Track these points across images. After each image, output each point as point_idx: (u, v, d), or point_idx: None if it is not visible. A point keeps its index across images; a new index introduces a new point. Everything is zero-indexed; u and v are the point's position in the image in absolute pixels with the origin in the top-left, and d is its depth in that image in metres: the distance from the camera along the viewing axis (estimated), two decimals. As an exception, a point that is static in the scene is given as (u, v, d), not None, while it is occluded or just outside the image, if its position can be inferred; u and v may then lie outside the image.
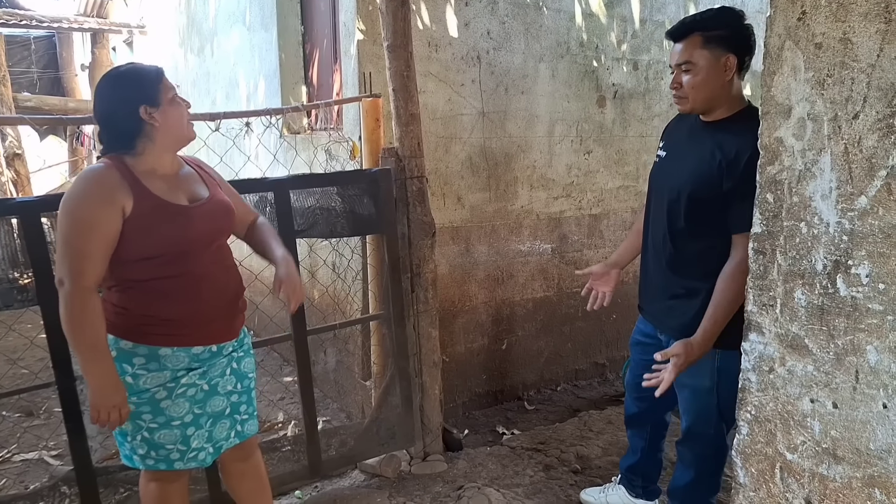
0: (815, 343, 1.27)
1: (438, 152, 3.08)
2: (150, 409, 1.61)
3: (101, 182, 1.51)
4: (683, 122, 1.98)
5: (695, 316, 1.82)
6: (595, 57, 3.55)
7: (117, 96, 1.56)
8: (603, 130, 3.65)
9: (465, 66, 3.10)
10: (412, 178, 2.45)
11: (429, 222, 2.51)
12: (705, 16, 1.74)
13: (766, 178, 1.33)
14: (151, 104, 1.56)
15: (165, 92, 1.58)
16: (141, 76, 1.58)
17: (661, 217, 1.91)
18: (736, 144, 1.70)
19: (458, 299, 3.25)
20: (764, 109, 1.33)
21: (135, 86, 1.56)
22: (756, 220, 1.36)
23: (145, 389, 1.60)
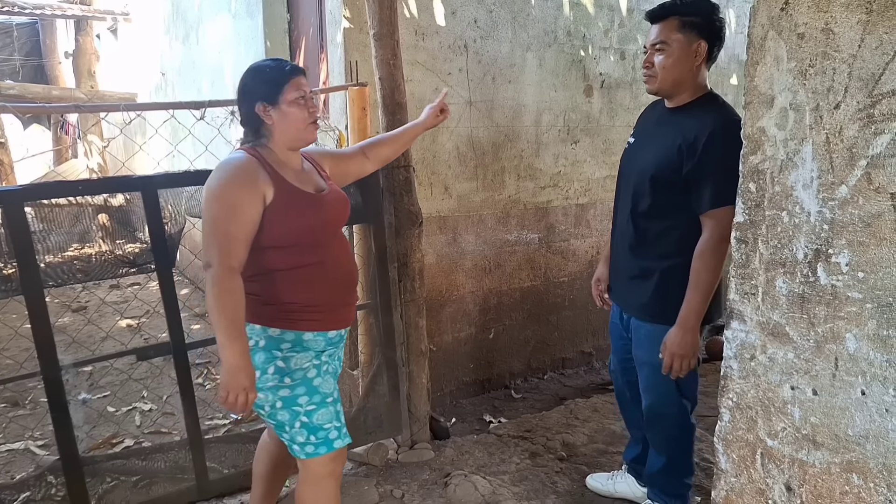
0: (796, 331, 1.28)
1: (425, 141, 3.07)
2: (306, 390, 1.65)
3: (244, 168, 1.56)
4: (653, 111, 2.05)
5: (651, 296, 1.90)
6: (582, 46, 3.55)
7: (244, 88, 1.63)
8: (590, 120, 3.65)
9: (453, 55, 3.08)
10: (399, 167, 2.45)
11: (416, 212, 2.50)
12: (684, 1, 1.81)
13: (749, 167, 1.34)
14: (269, 102, 1.60)
15: (289, 92, 1.60)
16: (268, 73, 1.62)
17: (627, 200, 1.98)
18: (695, 128, 1.77)
19: (445, 289, 3.25)
20: (747, 99, 1.34)
21: (259, 81, 1.61)
22: (738, 210, 1.37)
23: (298, 368, 1.64)
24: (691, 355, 1.83)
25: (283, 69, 1.62)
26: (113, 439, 2.69)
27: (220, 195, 1.53)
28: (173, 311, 1.94)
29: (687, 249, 1.82)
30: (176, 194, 1.96)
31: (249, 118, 1.63)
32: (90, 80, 6.70)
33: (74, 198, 3.36)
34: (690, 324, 1.80)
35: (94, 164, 5.90)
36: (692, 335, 1.80)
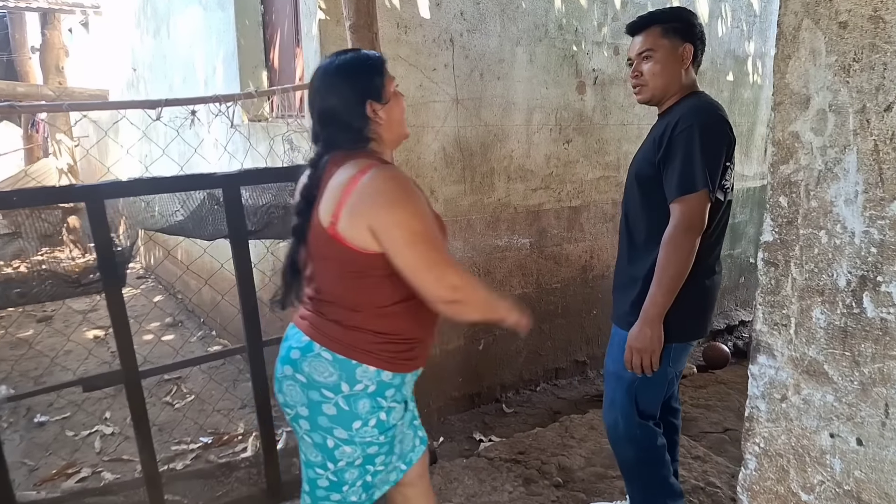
0: (837, 370, 1.10)
1: (409, 142, 2.87)
2: (389, 449, 1.45)
3: (406, 178, 1.34)
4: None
5: (631, 303, 1.81)
6: (574, 41, 3.36)
7: (341, 89, 1.36)
8: (583, 119, 3.47)
9: (438, 50, 2.88)
10: (379, 171, 2.24)
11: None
12: (663, 10, 1.87)
13: (779, 178, 1.16)
14: (378, 99, 1.38)
15: (390, 84, 1.42)
16: (367, 66, 1.39)
17: (624, 206, 1.95)
18: (668, 119, 1.76)
19: (431, 299, 3.06)
20: (776, 99, 1.15)
21: (365, 76, 1.38)
22: (767, 227, 1.19)
23: (394, 424, 1.44)
24: (650, 351, 1.70)
25: (378, 58, 1.42)
26: (69, 469, 2.47)
27: (414, 206, 1.28)
28: (124, 335, 1.73)
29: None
30: (128, 204, 1.75)
31: (356, 121, 1.36)
32: (58, 75, 6.41)
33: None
34: (649, 316, 1.70)
35: (63, 164, 5.63)
36: (651, 329, 1.69)
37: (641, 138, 3.80)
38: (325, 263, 1.36)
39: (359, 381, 1.37)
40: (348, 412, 1.37)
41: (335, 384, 1.36)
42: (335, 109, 1.36)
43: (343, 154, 1.35)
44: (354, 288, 1.34)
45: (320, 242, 1.34)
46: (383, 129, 1.40)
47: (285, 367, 1.42)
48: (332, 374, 1.36)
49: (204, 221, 1.86)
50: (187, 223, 1.83)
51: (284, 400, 1.44)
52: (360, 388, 1.37)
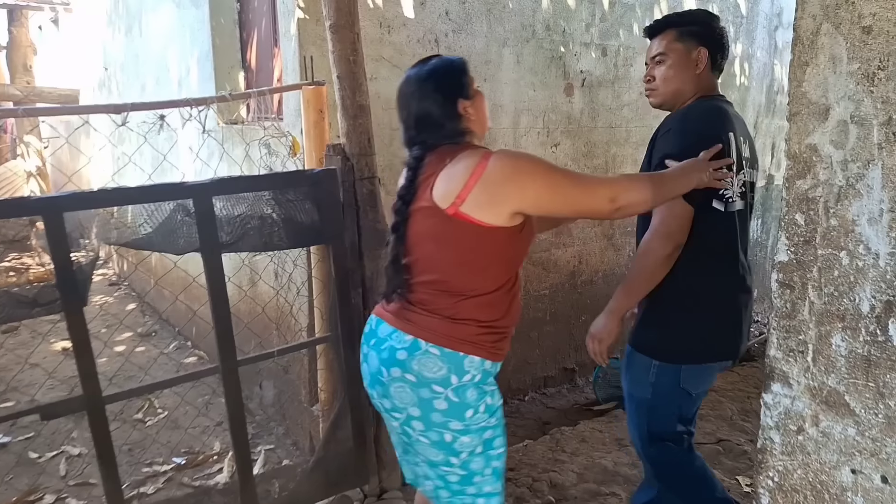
0: (859, 401, 1.02)
1: (394, 147, 2.76)
2: (501, 432, 1.51)
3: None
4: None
5: (639, 320, 1.80)
6: (562, 42, 3.28)
7: (435, 92, 1.47)
8: (571, 121, 3.38)
9: (422, 51, 2.78)
10: (362, 178, 2.14)
11: (382, 230, 2.19)
12: (681, 13, 1.83)
13: (796, 194, 1.07)
14: (466, 97, 1.48)
15: (472, 83, 1.52)
16: (453, 69, 1.51)
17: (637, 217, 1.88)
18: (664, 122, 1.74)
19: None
20: (792, 109, 1.07)
21: (450, 80, 1.49)
22: (782, 246, 1.10)
23: (499, 407, 1.50)
24: (599, 339, 1.71)
25: (458, 62, 1.52)
26: (31, 495, 2.33)
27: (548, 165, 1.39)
28: (86, 358, 1.61)
29: (674, 270, 1.64)
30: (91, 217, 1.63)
31: (451, 120, 1.46)
32: (26, 74, 6.17)
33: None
34: (609, 308, 1.71)
35: (31, 166, 5.42)
36: (607, 320, 1.70)
37: (629, 141, 3.75)
38: (437, 248, 1.41)
39: (466, 371, 1.41)
40: (459, 403, 1.40)
41: (445, 378, 1.39)
42: (431, 112, 1.45)
43: (446, 150, 1.42)
44: (467, 272, 1.40)
45: (435, 227, 1.39)
46: (473, 124, 1.49)
47: (392, 369, 1.42)
48: (442, 368, 1.39)
49: (173, 234, 1.74)
50: (155, 236, 1.71)
51: (392, 404, 1.45)
52: (468, 379, 1.41)
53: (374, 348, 1.47)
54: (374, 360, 1.46)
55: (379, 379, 1.45)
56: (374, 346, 1.47)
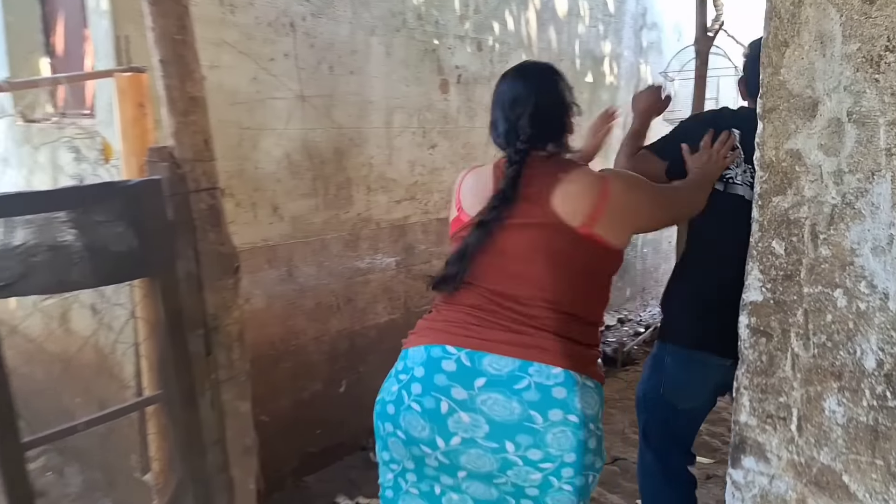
0: (863, 483, 0.78)
1: (244, 148, 2.31)
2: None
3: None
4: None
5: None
6: (436, 33, 2.98)
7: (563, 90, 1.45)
8: (448, 120, 3.10)
9: (275, 35, 2.35)
10: (199, 190, 1.69)
11: (229, 253, 1.76)
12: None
13: (772, 215, 0.82)
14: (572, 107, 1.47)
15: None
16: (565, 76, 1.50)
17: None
18: None
19: (279, 339, 2.52)
20: (767, 104, 0.82)
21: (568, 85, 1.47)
22: (754, 283, 0.85)
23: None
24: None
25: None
26: None
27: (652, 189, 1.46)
28: None
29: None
30: None
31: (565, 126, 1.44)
32: None
33: None
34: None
35: None
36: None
37: (508, 142, 3.54)
38: (556, 265, 1.31)
39: (596, 399, 1.31)
40: (601, 436, 1.31)
41: (597, 413, 1.29)
42: (554, 110, 1.41)
43: (551, 161, 1.38)
44: (597, 295, 1.39)
45: (558, 243, 1.31)
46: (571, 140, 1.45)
47: (551, 411, 1.22)
48: (596, 401, 1.30)
49: None
50: None
51: (546, 454, 1.23)
52: (596, 401, 1.31)
53: (497, 390, 1.23)
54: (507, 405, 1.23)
55: (527, 427, 1.22)
56: (490, 387, 1.23)
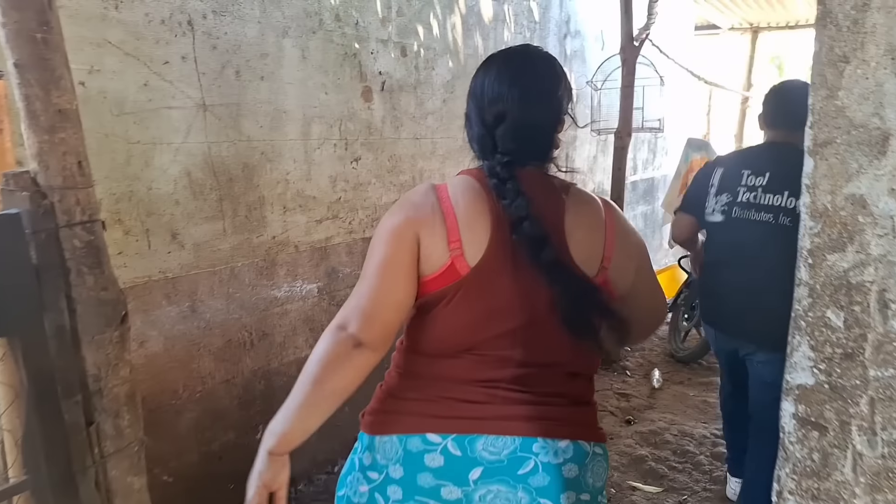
0: None
1: (134, 166, 1.97)
2: None
3: None
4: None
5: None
6: (356, 36, 2.72)
7: (564, 95, 1.13)
8: (372, 131, 2.85)
9: (170, 35, 2.03)
10: (72, 225, 1.36)
11: (113, 299, 1.44)
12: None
13: (827, 276, 0.65)
14: (565, 116, 1.16)
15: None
16: (565, 75, 1.16)
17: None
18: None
19: (182, 386, 2.18)
20: (818, 136, 0.64)
21: (565, 89, 1.14)
22: (801, 361, 0.67)
23: None
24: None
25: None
26: None
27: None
28: None
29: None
30: None
31: (553, 137, 1.14)
32: None
33: None
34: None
35: None
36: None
37: (436, 154, 3.33)
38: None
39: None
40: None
41: (604, 482, 1.12)
42: (543, 119, 1.11)
43: (541, 175, 1.12)
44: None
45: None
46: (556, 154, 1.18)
47: (564, 495, 1.03)
48: (605, 469, 1.12)
49: None
50: None
51: None
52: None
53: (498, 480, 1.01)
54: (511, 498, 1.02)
55: None
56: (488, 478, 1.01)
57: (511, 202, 1.02)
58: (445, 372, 1.07)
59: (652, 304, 1.22)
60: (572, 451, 1.04)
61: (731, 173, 2.21)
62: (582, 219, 1.07)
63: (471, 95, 1.15)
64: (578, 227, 1.06)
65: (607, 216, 1.10)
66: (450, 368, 1.07)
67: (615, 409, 3.37)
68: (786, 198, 2.06)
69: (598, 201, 1.13)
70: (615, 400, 3.49)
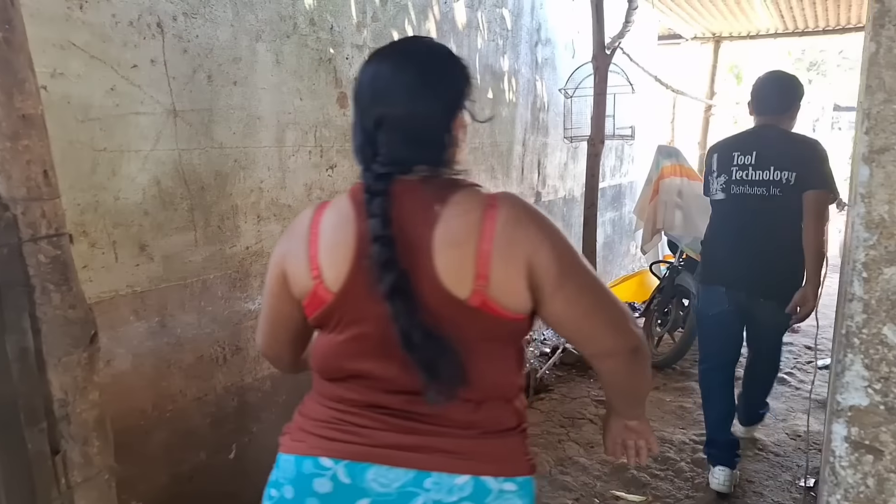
0: None
1: (100, 175, 1.87)
2: None
3: None
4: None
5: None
6: (331, 41, 2.66)
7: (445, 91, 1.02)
8: (347, 138, 2.77)
9: (139, 38, 1.93)
10: (37, 239, 1.26)
11: (81, 318, 1.35)
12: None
13: (883, 291, 0.61)
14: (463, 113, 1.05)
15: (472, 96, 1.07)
16: (461, 65, 1.05)
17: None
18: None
19: (152, 406, 2.07)
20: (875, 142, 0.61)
21: (461, 80, 1.04)
22: (854, 381, 0.63)
23: None
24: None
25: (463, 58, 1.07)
26: None
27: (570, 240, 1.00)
28: None
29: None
30: None
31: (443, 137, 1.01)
32: None
33: None
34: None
35: None
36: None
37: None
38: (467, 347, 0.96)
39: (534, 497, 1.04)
40: None
41: None
42: (422, 117, 0.99)
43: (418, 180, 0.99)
44: (508, 364, 1.02)
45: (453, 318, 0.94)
46: (459, 154, 1.05)
47: None
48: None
49: None
50: None
51: None
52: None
53: None
54: None
55: None
56: None
57: (373, 219, 0.95)
58: (343, 394, 1.03)
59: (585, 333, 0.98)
60: (471, 489, 0.94)
61: (724, 156, 2.60)
62: (450, 232, 0.94)
63: (354, 98, 1.07)
64: (446, 244, 0.94)
65: (486, 223, 0.93)
66: (346, 391, 1.03)
67: (594, 417, 3.35)
68: (773, 172, 2.42)
69: (478, 208, 0.95)
70: (593, 407, 3.47)
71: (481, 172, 3.90)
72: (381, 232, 0.94)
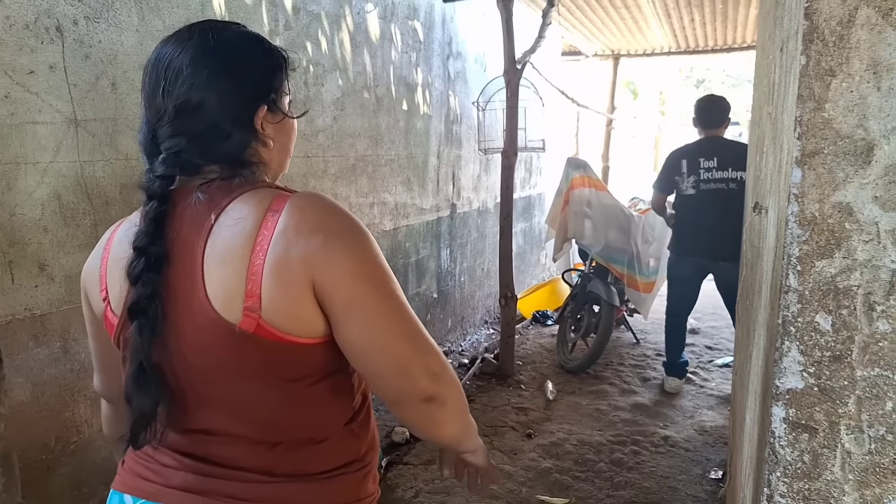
0: None
1: (13, 193, 1.71)
2: None
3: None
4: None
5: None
6: (244, 49, 2.57)
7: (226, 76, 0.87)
8: (263, 150, 2.69)
9: (36, 42, 1.79)
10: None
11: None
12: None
13: (815, 282, 0.67)
14: (272, 107, 0.91)
15: (287, 92, 0.95)
16: (267, 53, 0.92)
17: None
18: None
19: (54, 439, 1.90)
20: (807, 146, 0.66)
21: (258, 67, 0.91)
22: (791, 366, 0.69)
23: None
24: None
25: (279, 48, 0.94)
26: None
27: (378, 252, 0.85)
28: None
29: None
30: None
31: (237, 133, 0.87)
32: None
33: None
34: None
35: None
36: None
37: (328, 173, 3.23)
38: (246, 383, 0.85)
39: None
40: None
41: None
42: (210, 107, 0.85)
43: (206, 185, 0.86)
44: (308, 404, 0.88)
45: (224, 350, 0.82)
46: (273, 158, 0.94)
47: None
48: None
49: None
50: None
51: None
52: None
53: None
54: None
55: None
56: None
57: (140, 231, 0.85)
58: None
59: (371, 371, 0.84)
60: None
61: (692, 161, 3.54)
62: (221, 246, 0.82)
63: (141, 89, 0.94)
64: (216, 260, 0.81)
65: (261, 233, 0.81)
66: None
67: (515, 424, 3.40)
68: (730, 172, 3.40)
69: (255, 216, 0.82)
70: (514, 414, 3.53)
71: (398, 184, 3.90)
72: (141, 242, 0.83)
